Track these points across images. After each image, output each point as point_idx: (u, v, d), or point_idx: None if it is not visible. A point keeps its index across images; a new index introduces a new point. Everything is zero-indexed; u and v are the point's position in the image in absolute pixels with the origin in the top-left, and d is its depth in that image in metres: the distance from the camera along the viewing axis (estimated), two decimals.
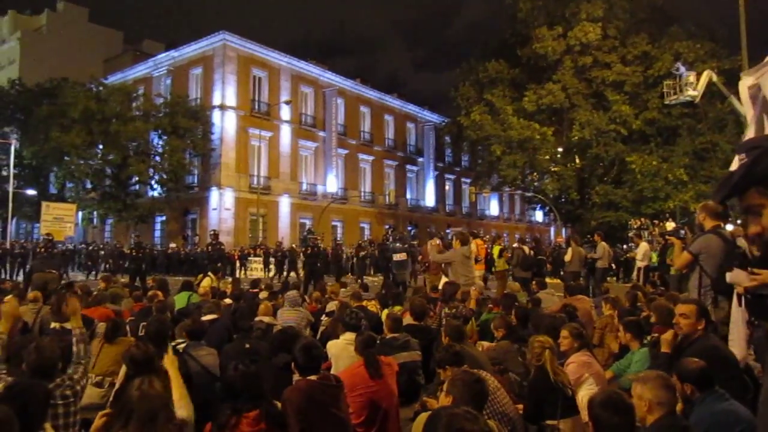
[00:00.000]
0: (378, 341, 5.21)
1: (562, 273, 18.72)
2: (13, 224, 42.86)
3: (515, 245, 16.70)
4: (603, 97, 36.30)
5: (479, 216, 60.39)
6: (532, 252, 15.18)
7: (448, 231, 42.06)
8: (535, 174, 40.49)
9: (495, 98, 38.20)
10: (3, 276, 23.18)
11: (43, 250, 18.28)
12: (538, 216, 65.02)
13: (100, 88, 38.07)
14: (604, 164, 37.73)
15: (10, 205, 34.56)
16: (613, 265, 21.73)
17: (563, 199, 39.98)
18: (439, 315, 7.72)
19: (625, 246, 28.69)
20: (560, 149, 39.08)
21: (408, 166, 53.75)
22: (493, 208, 63.40)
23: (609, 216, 36.08)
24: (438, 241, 15.16)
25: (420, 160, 54.75)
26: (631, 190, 35.75)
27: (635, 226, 28.66)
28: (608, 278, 18.14)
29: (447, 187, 58.80)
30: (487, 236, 23.36)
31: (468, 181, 55.05)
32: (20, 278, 23.21)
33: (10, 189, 35.03)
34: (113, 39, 68.01)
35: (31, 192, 41.75)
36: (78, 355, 4.03)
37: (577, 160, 38.93)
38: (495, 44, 43.62)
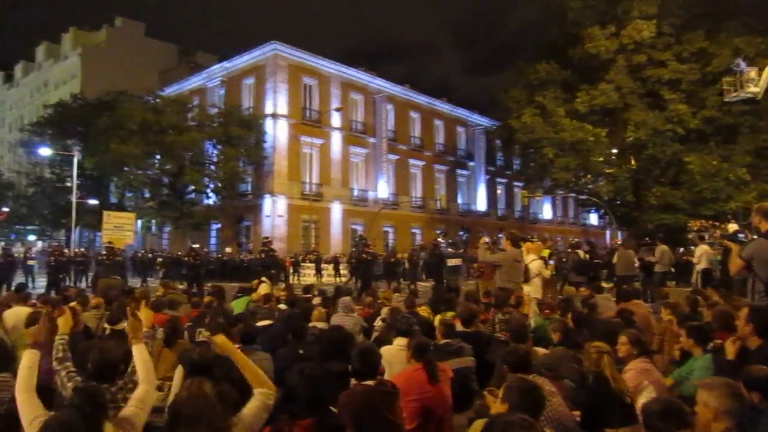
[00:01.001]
0: (431, 347, 5.17)
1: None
2: (76, 233, 44.43)
3: (569, 249, 16.41)
4: (658, 96, 35.39)
5: (532, 220, 59.58)
6: (587, 256, 14.89)
7: (499, 235, 41.65)
8: (588, 176, 39.71)
9: (546, 100, 37.68)
10: (67, 283, 23.93)
11: (105, 257, 18.81)
12: (593, 219, 63.74)
13: (157, 99, 39.27)
14: (661, 165, 36.71)
15: (74, 214, 35.91)
16: (671, 269, 21.11)
17: (618, 202, 39.07)
18: (492, 321, 7.63)
19: (681, 249, 27.81)
20: (614, 150, 38.26)
21: (458, 171, 53.49)
22: (546, 211, 62.47)
23: (666, 218, 35.13)
24: (487, 239, 15.00)
25: (470, 164, 54.43)
26: (689, 191, 34.76)
27: (695, 228, 27.73)
28: (668, 282, 17.60)
29: (498, 191, 58.25)
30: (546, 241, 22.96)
31: (520, 184, 54.30)
32: (82, 285, 24.04)
33: (74, 199, 36.41)
34: (168, 52, 69.96)
35: (92, 202, 43.20)
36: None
37: (633, 162, 38.03)
38: (545, 45, 43.06)
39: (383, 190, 44.69)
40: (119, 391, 3.81)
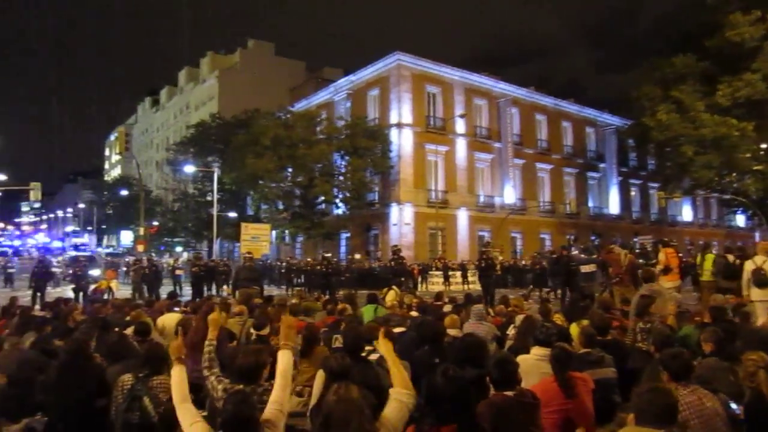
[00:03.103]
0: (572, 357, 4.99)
1: None
2: (217, 243, 47.25)
3: (717, 253, 15.32)
4: None
5: (670, 222, 56.26)
6: (737, 261, 13.80)
7: (635, 239, 39.71)
8: (733, 174, 36.98)
9: (683, 95, 35.49)
10: (210, 291, 25.36)
11: (244, 267, 19.68)
12: (739, 220, 59.12)
13: (288, 115, 41.01)
14: None
15: (215, 226, 38.29)
16: None
17: None
18: (633, 330, 7.27)
19: None
20: (763, 145, 35.37)
21: (589, 173, 51.55)
22: (686, 213, 58.68)
23: None
24: (617, 248, 14.28)
25: (601, 166, 52.27)
26: None
27: None
28: None
29: (632, 193, 55.48)
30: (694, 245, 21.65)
31: (656, 185, 51.48)
32: (224, 293, 25.44)
33: (215, 212, 38.80)
34: (297, 69, 72.76)
35: (231, 214, 45.80)
36: None
37: None
38: (680, 37, 40.63)
39: (510, 195, 43.98)
40: (265, 393, 3.99)
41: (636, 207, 55.63)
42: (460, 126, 42.08)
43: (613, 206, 52.16)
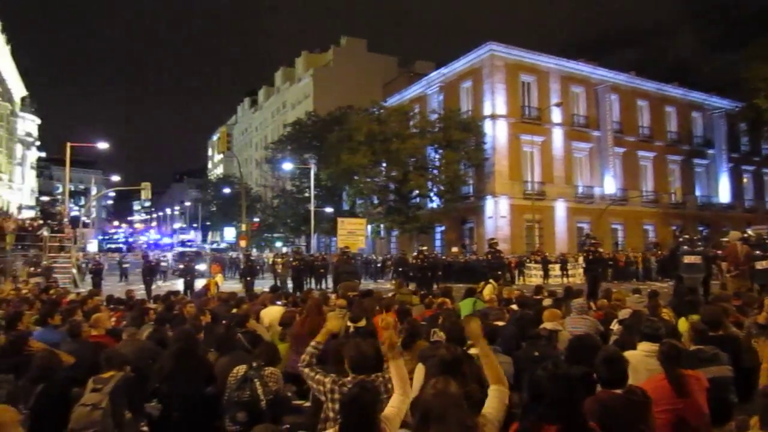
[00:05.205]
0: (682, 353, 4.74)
1: None
2: (315, 238, 48.37)
3: None
4: None
5: None
6: None
7: (747, 229, 37.35)
8: None
9: None
10: (308, 285, 25.97)
11: (342, 261, 20.04)
12: None
13: (381, 111, 41.30)
14: None
15: (312, 222, 39.16)
16: None
17: None
18: (748, 327, 6.83)
19: None
20: None
21: (695, 160, 48.93)
22: None
23: None
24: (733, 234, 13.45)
25: (709, 152, 49.47)
26: None
27: None
28: None
29: (745, 180, 52.17)
30: None
31: None
32: (323, 287, 26.01)
33: (312, 208, 39.67)
34: (389, 64, 72.90)
35: (328, 210, 46.75)
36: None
37: None
38: None
39: (610, 185, 42.47)
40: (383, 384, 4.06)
41: (749, 195, 52.33)
42: (557, 115, 41.03)
43: (723, 194, 49.27)
